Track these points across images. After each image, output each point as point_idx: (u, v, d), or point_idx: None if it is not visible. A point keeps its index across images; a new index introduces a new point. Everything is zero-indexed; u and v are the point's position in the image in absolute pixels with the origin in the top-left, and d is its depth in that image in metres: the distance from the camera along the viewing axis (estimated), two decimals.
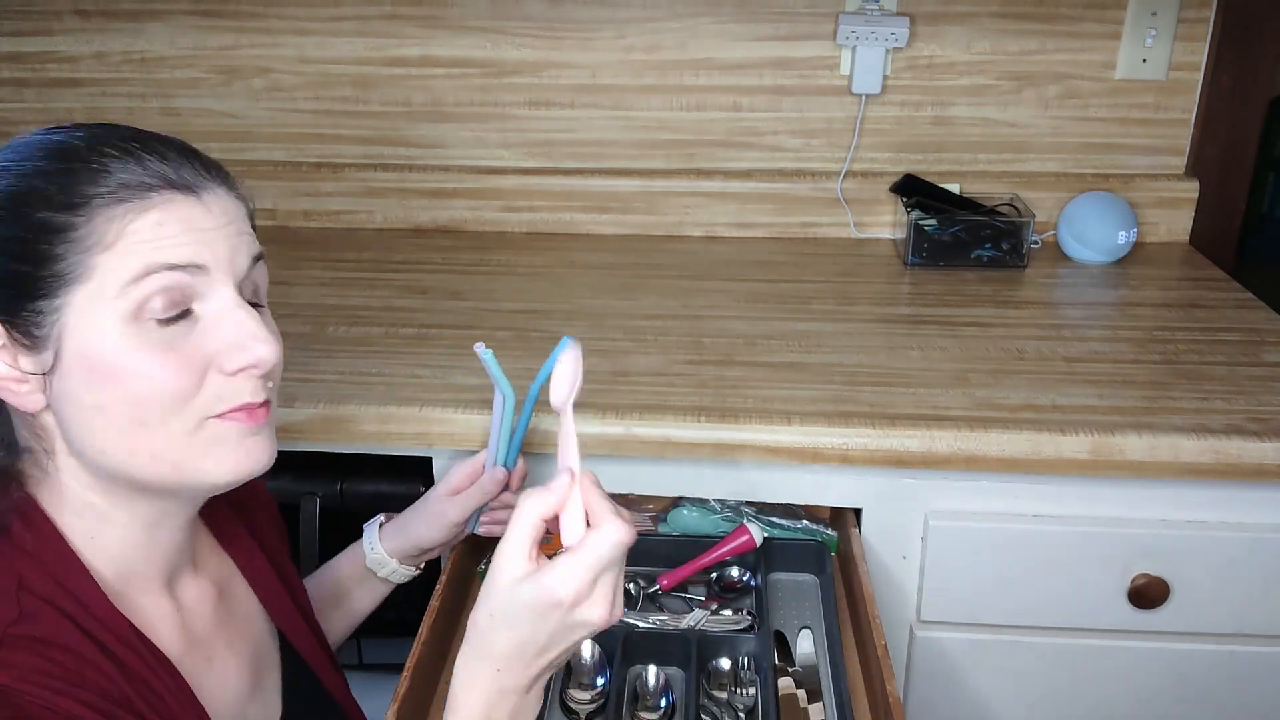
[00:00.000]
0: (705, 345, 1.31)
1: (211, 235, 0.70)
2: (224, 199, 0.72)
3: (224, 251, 0.70)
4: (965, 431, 1.12)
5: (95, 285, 0.66)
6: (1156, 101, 1.63)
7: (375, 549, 1.05)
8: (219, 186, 0.72)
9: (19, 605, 0.67)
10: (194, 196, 0.70)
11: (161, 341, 0.68)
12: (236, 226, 0.72)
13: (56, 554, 0.71)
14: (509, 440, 1.03)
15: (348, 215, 1.74)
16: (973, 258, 1.58)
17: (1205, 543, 1.14)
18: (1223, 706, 1.21)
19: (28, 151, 0.69)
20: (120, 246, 0.67)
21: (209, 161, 0.73)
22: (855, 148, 1.67)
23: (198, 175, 0.71)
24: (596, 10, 1.62)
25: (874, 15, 1.58)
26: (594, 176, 1.70)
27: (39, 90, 1.73)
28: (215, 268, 0.70)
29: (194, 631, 0.79)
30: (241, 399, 0.72)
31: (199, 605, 0.81)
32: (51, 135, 0.70)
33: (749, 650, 1.01)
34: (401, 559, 1.05)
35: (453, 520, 1.02)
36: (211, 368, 0.70)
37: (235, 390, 0.71)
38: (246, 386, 0.72)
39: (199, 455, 0.71)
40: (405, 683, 0.91)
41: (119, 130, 0.71)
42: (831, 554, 1.17)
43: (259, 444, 0.74)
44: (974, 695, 1.23)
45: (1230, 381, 1.22)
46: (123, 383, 0.68)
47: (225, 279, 0.71)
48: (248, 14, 1.65)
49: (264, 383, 0.73)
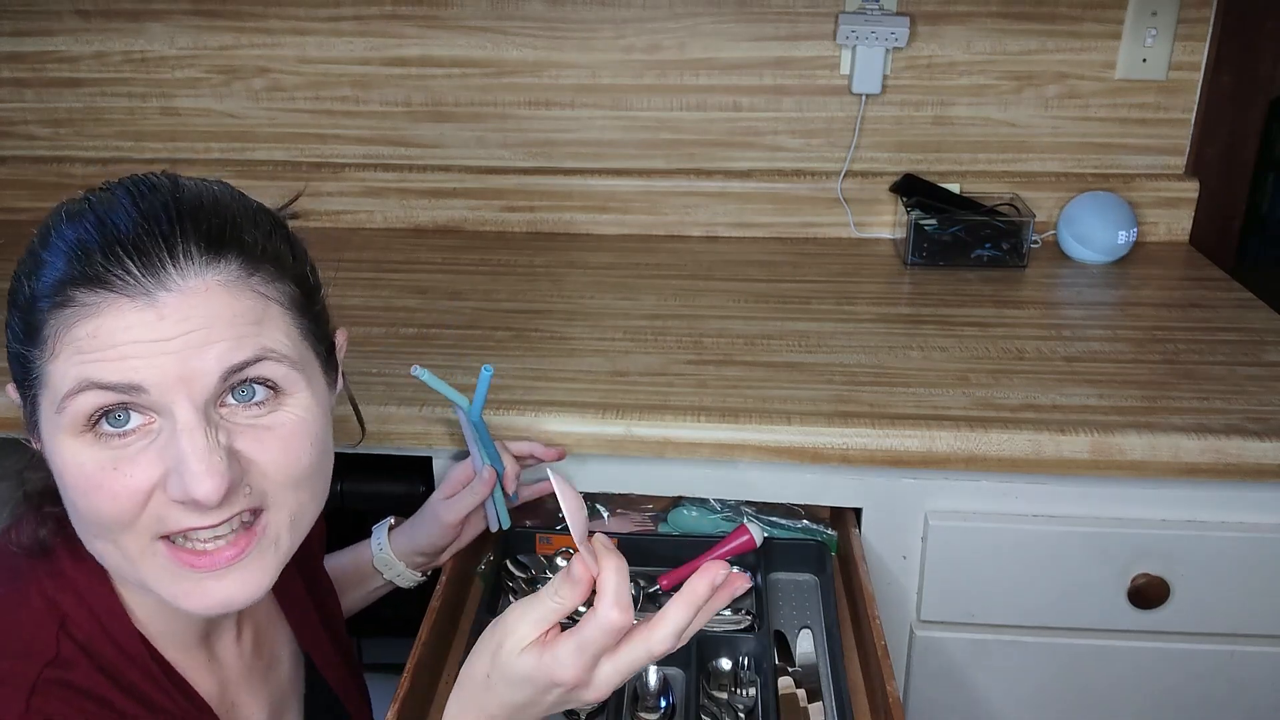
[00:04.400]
0: (705, 345, 1.31)
1: (154, 348, 0.61)
2: (199, 297, 0.63)
3: (171, 367, 0.62)
4: (965, 431, 1.12)
5: (48, 392, 0.64)
6: (1156, 101, 1.63)
7: (384, 550, 1.05)
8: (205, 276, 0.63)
9: (58, 646, 0.66)
10: (144, 300, 0.61)
11: (108, 460, 0.63)
12: (205, 335, 0.63)
13: (100, 596, 0.70)
14: (480, 444, 1.04)
15: (348, 215, 1.74)
16: (973, 258, 1.58)
17: (1205, 543, 1.14)
18: (1223, 706, 1.21)
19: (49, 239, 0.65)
20: (61, 357, 0.62)
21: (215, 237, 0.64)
22: (855, 147, 1.67)
23: (168, 269, 0.62)
24: (596, 10, 1.62)
25: (874, 15, 1.58)
26: (594, 176, 1.70)
27: (39, 90, 1.73)
28: (159, 387, 0.62)
29: (222, 680, 0.79)
30: (186, 523, 0.64)
31: (230, 656, 0.80)
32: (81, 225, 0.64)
33: (749, 650, 1.01)
34: (408, 564, 1.06)
35: (447, 522, 1.02)
36: (158, 488, 0.64)
37: (178, 514, 0.64)
38: (189, 516, 0.64)
39: (156, 580, 0.66)
40: (405, 683, 0.91)
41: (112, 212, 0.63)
42: (831, 554, 1.17)
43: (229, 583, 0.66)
44: (974, 695, 1.23)
45: (1230, 381, 1.22)
46: (70, 496, 0.65)
47: (177, 396, 0.62)
48: (248, 14, 1.65)
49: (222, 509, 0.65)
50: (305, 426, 0.69)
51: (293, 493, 0.69)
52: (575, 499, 0.67)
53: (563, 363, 1.26)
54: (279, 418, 0.68)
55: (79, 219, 0.64)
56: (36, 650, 0.66)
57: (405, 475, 1.21)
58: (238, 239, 0.66)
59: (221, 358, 0.64)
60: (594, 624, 0.65)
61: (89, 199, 0.66)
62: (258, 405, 0.67)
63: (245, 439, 0.66)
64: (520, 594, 1.11)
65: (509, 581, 1.13)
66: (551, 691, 0.67)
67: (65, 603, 0.68)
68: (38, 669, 0.65)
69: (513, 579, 1.13)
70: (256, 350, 0.65)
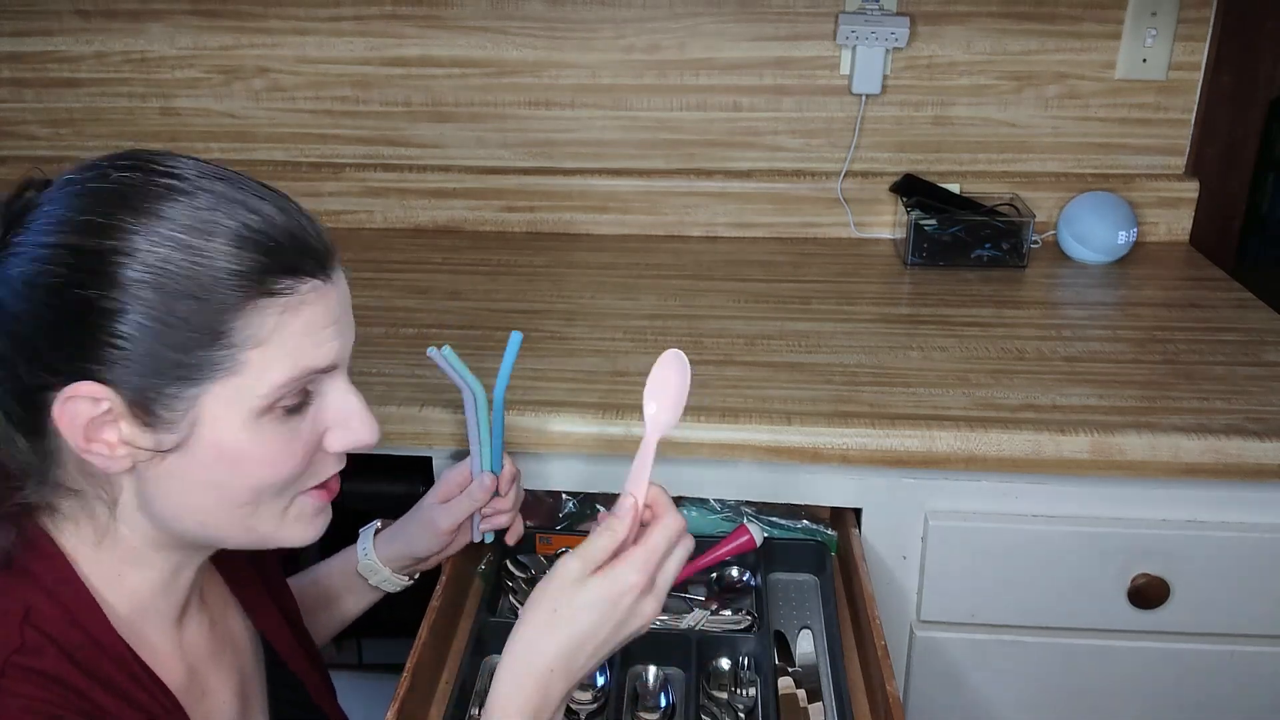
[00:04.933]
0: (705, 345, 1.31)
1: (343, 325, 0.71)
2: (342, 275, 0.72)
3: (347, 341, 0.72)
4: (965, 431, 1.12)
5: (241, 380, 0.66)
6: (1156, 101, 1.63)
7: (368, 555, 1.02)
8: (337, 258, 0.71)
9: (22, 636, 0.66)
10: (331, 284, 0.69)
11: (287, 431, 0.69)
12: (349, 308, 0.73)
13: (69, 586, 0.70)
14: (489, 442, 1.00)
15: (348, 215, 1.74)
16: (973, 258, 1.58)
17: (1205, 543, 1.14)
18: (1223, 706, 1.21)
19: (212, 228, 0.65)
20: (272, 343, 0.66)
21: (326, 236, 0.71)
22: (855, 148, 1.67)
23: (328, 252, 0.70)
24: (596, 10, 1.62)
25: (874, 15, 1.58)
26: (594, 176, 1.70)
27: (39, 90, 1.73)
28: (341, 360, 0.71)
29: (192, 665, 0.79)
30: (335, 469, 0.75)
31: (198, 638, 0.81)
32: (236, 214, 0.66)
33: (749, 650, 1.01)
34: (395, 568, 1.03)
35: (442, 528, 0.99)
36: (319, 447, 0.72)
37: (332, 465, 0.74)
38: (335, 459, 0.74)
39: (283, 528, 0.74)
40: (405, 683, 0.91)
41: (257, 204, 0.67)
42: (831, 554, 1.17)
43: (327, 517, 0.77)
44: (974, 695, 1.23)
45: (1230, 381, 1.22)
46: (249, 469, 0.69)
47: (344, 365, 0.72)
48: (248, 14, 1.65)
49: None
50: None
51: None
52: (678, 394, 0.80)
53: (563, 363, 1.26)
54: None
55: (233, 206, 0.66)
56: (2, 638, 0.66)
57: (405, 475, 1.21)
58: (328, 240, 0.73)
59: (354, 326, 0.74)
60: (660, 530, 0.75)
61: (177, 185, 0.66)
62: None
63: None
64: (520, 594, 1.11)
65: (509, 581, 1.13)
66: (621, 603, 0.73)
67: (31, 598, 0.68)
68: (4, 656, 0.65)
69: (512, 579, 1.13)
70: None
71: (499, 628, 1.04)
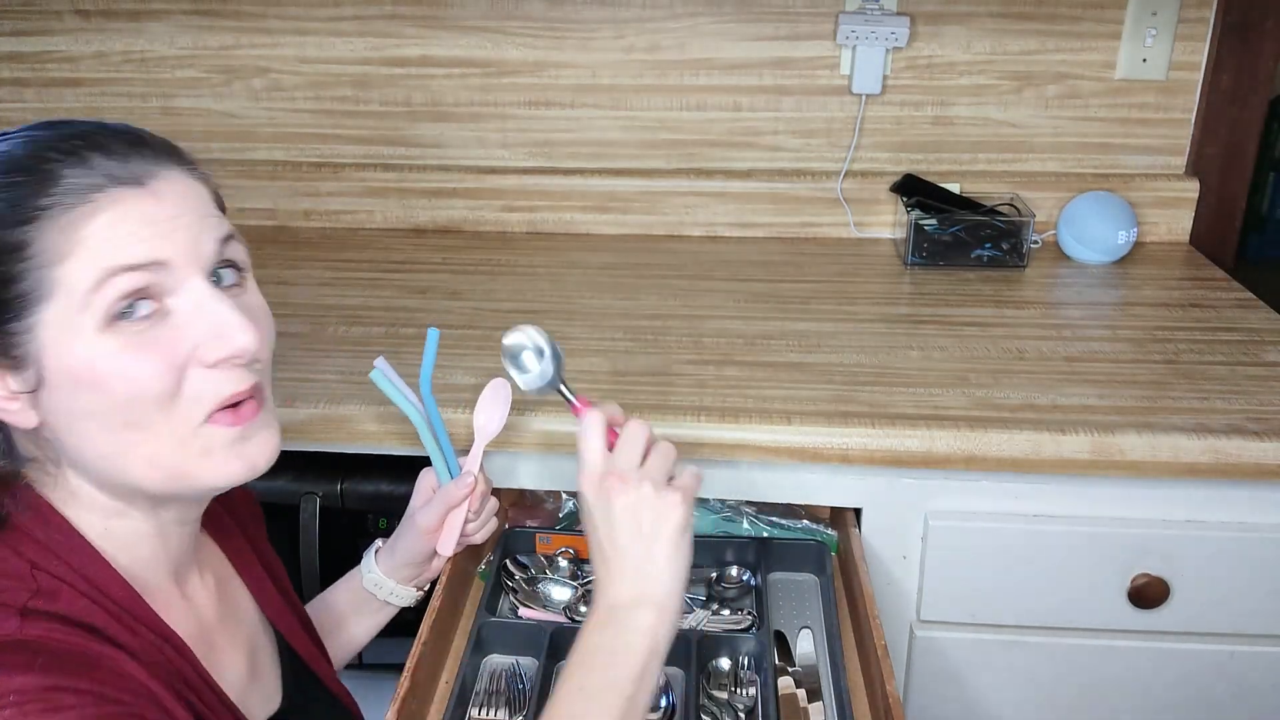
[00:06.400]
0: (705, 345, 1.31)
1: (167, 227, 0.67)
2: (178, 184, 0.69)
3: (184, 241, 0.68)
4: (965, 431, 1.12)
5: (61, 299, 0.65)
6: (1156, 101, 1.63)
7: (372, 571, 1.04)
8: (172, 170, 0.69)
9: (36, 582, 0.67)
10: (143, 188, 0.67)
11: (138, 342, 0.67)
12: (196, 211, 0.70)
13: (69, 542, 0.71)
14: (441, 453, 1.04)
15: (348, 215, 1.74)
16: (973, 257, 1.58)
17: (1205, 543, 1.14)
18: (1223, 706, 1.21)
19: None
20: (76, 255, 0.65)
21: (160, 145, 0.70)
22: (855, 147, 1.67)
23: (146, 164, 0.68)
24: (596, 10, 1.62)
25: (874, 15, 1.58)
26: (594, 176, 1.70)
27: (39, 90, 1.73)
28: (177, 260, 0.68)
29: (200, 621, 0.80)
30: (227, 390, 0.70)
31: (203, 598, 0.81)
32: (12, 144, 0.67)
33: (749, 650, 1.01)
34: (400, 579, 1.04)
35: (424, 529, 1.01)
36: (191, 362, 0.69)
37: (219, 383, 0.70)
38: (231, 376, 0.70)
39: (193, 462, 0.71)
40: (405, 683, 0.91)
41: (58, 128, 0.68)
42: (831, 554, 1.17)
43: (254, 446, 0.73)
44: (974, 695, 1.23)
45: (1230, 381, 1.22)
46: (107, 388, 0.67)
47: (192, 269, 0.68)
48: (247, 14, 1.65)
49: (248, 370, 0.71)
50: (265, 304, 0.76)
51: (269, 367, 0.76)
52: None
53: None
54: (252, 297, 0.75)
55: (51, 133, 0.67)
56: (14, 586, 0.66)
57: (404, 475, 1.21)
58: (173, 148, 0.72)
59: (214, 229, 0.71)
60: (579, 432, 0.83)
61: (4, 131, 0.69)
62: (235, 287, 0.73)
63: None
64: (521, 594, 1.11)
65: (509, 581, 1.13)
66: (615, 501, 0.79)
67: (33, 553, 0.69)
68: (22, 601, 0.65)
69: (512, 579, 1.13)
70: (229, 227, 0.73)
71: (499, 628, 1.04)
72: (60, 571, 0.69)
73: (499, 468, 1.17)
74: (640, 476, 0.80)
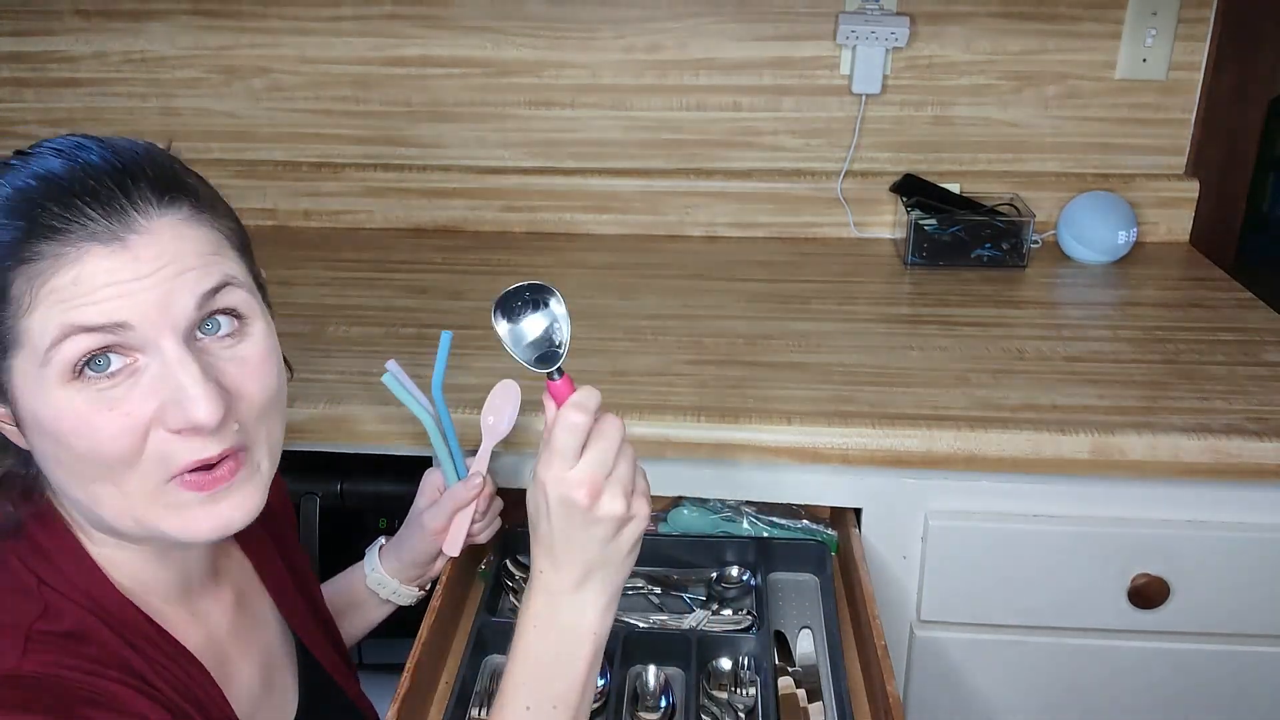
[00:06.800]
0: (705, 345, 1.31)
1: (134, 286, 0.64)
2: (167, 235, 0.66)
3: (152, 302, 0.65)
4: (965, 431, 1.12)
5: (28, 350, 0.64)
6: (1156, 101, 1.63)
7: (376, 569, 1.05)
8: (168, 217, 0.66)
9: (43, 600, 0.67)
10: (119, 244, 0.64)
11: (101, 400, 0.65)
12: (179, 265, 0.66)
13: (75, 558, 0.71)
14: (450, 455, 1.04)
15: (348, 215, 1.74)
16: (973, 257, 1.58)
17: (1205, 543, 1.14)
18: (1223, 706, 1.21)
19: None
20: (41, 310, 0.63)
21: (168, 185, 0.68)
22: (855, 147, 1.67)
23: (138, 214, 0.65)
24: (596, 10, 1.62)
25: (874, 15, 1.58)
26: (594, 176, 1.70)
27: (39, 90, 1.73)
28: (143, 322, 0.65)
29: (210, 635, 0.79)
30: (190, 457, 0.67)
31: (214, 612, 0.81)
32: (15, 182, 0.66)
33: (749, 650, 1.01)
34: (403, 579, 1.05)
35: (431, 530, 1.02)
36: (155, 424, 0.66)
37: (183, 450, 0.67)
38: (193, 445, 0.67)
39: (161, 516, 0.69)
40: (405, 683, 0.91)
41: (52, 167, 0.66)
42: (831, 554, 1.17)
43: (227, 506, 0.70)
44: (974, 695, 1.23)
45: (1230, 381, 1.22)
46: (68, 443, 0.66)
47: (161, 329, 0.65)
48: (248, 14, 1.65)
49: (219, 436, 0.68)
50: (271, 351, 0.73)
51: (267, 421, 0.73)
52: None
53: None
54: (248, 347, 0.71)
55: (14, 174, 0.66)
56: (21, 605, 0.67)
57: (405, 475, 1.21)
58: (183, 183, 0.69)
59: (194, 285, 0.67)
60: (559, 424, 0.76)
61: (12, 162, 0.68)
62: (228, 337, 0.70)
63: (224, 371, 0.69)
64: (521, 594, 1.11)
65: (509, 581, 1.13)
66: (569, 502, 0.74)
67: (41, 568, 0.69)
68: (28, 624, 0.65)
69: (513, 579, 1.13)
70: (221, 276, 0.69)
71: (499, 628, 1.04)
72: (66, 589, 0.69)
73: (503, 467, 1.17)
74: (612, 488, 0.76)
